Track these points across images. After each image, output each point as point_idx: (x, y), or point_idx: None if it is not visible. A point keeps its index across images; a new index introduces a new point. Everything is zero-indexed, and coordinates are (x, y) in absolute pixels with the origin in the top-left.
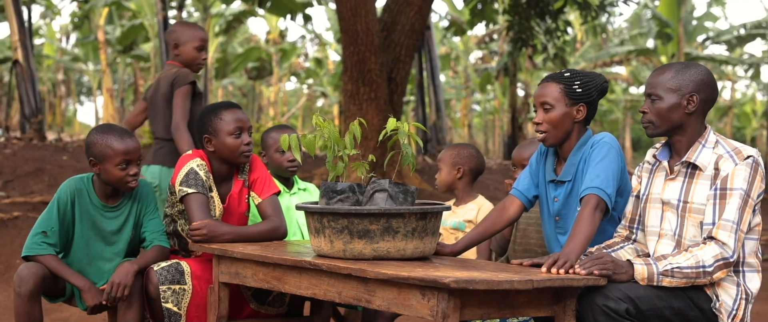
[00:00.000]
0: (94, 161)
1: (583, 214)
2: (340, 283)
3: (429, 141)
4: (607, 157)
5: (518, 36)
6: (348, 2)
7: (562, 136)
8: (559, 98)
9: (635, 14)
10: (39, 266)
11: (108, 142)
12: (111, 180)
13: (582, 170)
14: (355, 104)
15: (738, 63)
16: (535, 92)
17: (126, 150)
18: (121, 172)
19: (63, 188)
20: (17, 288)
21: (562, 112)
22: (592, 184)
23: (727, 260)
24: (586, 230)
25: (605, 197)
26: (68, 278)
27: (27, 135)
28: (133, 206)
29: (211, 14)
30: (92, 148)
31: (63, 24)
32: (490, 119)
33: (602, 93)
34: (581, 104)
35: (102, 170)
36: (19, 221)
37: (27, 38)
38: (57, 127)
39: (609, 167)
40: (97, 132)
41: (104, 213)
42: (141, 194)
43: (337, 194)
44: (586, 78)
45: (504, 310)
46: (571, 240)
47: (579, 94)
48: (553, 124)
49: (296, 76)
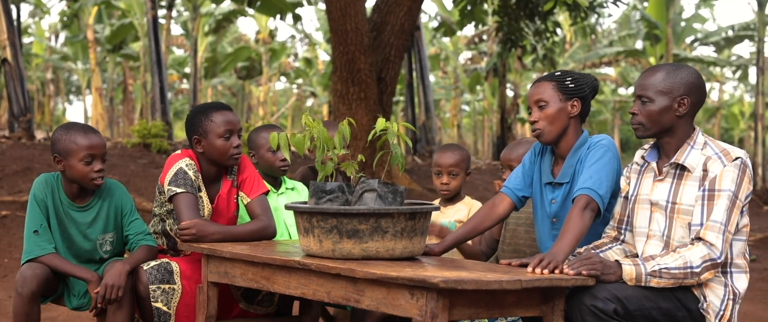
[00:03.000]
0: (59, 157)
1: (572, 214)
2: (329, 283)
3: (418, 141)
4: (602, 158)
5: (508, 37)
6: (337, 2)
7: (559, 131)
8: (553, 94)
9: (624, 15)
10: (42, 267)
11: (72, 137)
12: (76, 177)
13: (579, 171)
14: (345, 104)
15: (726, 64)
16: (529, 93)
17: (90, 145)
18: (85, 167)
19: (36, 185)
20: (19, 288)
21: (557, 108)
22: (585, 185)
23: (714, 260)
24: (575, 230)
25: (597, 199)
26: (74, 273)
27: (15, 134)
28: (103, 205)
29: (200, 13)
30: (57, 145)
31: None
32: (479, 120)
33: (594, 91)
34: (575, 99)
35: (67, 167)
36: (8, 220)
37: (16, 37)
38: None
39: (603, 169)
40: (62, 129)
41: (74, 212)
42: (111, 193)
43: (327, 194)
44: (578, 75)
45: (493, 310)
46: (560, 240)
47: (572, 89)
48: (550, 119)
49: (286, 76)
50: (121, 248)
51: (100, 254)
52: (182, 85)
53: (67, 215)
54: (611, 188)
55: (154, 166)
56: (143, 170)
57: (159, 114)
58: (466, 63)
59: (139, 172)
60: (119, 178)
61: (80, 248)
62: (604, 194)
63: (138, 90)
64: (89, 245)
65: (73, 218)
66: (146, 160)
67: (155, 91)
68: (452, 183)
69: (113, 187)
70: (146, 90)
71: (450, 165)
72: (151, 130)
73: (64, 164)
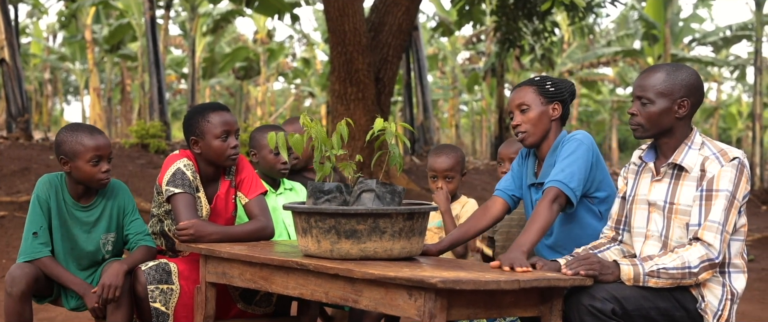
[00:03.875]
0: (65, 158)
1: (540, 206)
2: (327, 283)
3: (416, 141)
4: (575, 152)
5: (505, 37)
6: (336, 2)
7: (542, 134)
8: (534, 98)
9: (622, 15)
10: (32, 266)
11: (78, 139)
12: (83, 178)
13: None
14: (343, 104)
15: (724, 64)
16: (510, 98)
17: (97, 146)
18: (93, 168)
19: (39, 186)
20: (9, 288)
21: (539, 111)
22: (556, 177)
23: (712, 260)
24: (540, 222)
25: (568, 191)
26: (67, 283)
27: (13, 134)
28: (107, 204)
29: (198, 14)
30: (62, 147)
31: (50, 23)
32: (477, 120)
33: (572, 95)
34: (556, 102)
35: (73, 168)
36: (6, 220)
37: (13, 37)
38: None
39: (575, 163)
40: (67, 130)
41: (78, 212)
42: (115, 193)
43: (325, 194)
44: (557, 80)
45: (491, 310)
46: (526, 231)
47: (552, 92)
48: (532, 122)
49: (284, 76)
50: (121, 248)
51: (102, 253)
52: (180, 86)
53: (71, 215)
54: (584, 180)
55: (152, 166)
56: (141, 170)
57: (157, 114)
58: (464, 63)
59: (137, 172)
60: (117, 178)
61: (83, 250)
62: (575, 187)
63: (136, 90)
64: (92, 246)
65: (77, 217)
66: (144, 160)
67: (153, 92)
68: (448, 186)
69: (117, 187)
70: (144, 90)
71: (444, 170)
72: (149, 131)
73: (70, 165)
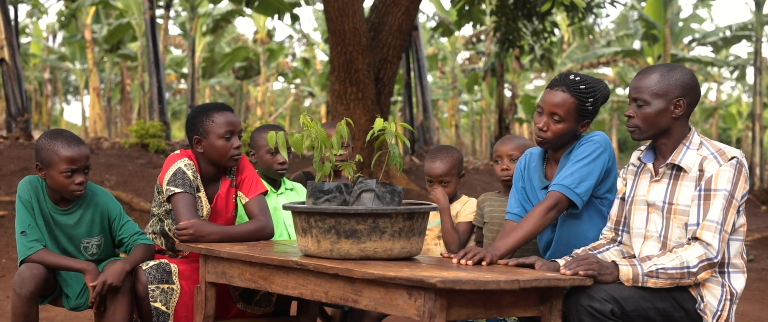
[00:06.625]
0: (40, 165)
1: (535, 211)
2: (326, 283)
3: (416, 141)
4: (590, 156)
5: (505, 37)
6: (335, 2)
7: (562, 144)
8: (571, 113)
9: (622, 15)
10: (40, 267)
11: (54, 147)
12: (56, 187)
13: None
14: (343, 104)
15: (724, 65)
16: (546, 97)
17: (71, 157)
18: (65, 179)
19: (21, 187)
20: (18, 289)
21: (569, 127)
22: (562, 182)
23: (711, 260)
24: (527, 228)
25: (572, 196)
26: (68, 265)
27: (13, 134)
28: (86, 210)
29: (198, 14)
30: (39, 153)
31: (50, 23)
32: (477, 120)
33: (605, 101)
34: (587, 120)
35: (48, 176)
36: (6, 220)
37: (13, 37)
38: (43, 127)
39: (587, 167)
40: (46, 137)
41: (58, 215)
42: (96, 200)
43: (324, 194)
44: (598, 93)
45: (490, 310)
46: (508, 235)
47: (589, 112)
48: (558, 135)
49: (284, 76)
50: (110, 251)
51: (85, 256)
52: (180, 85)
53: (52, 218)
54: (594, 184)
55: (151, 166)
56: (141, 170)
57: (157, 114)
58: (463, 63)
59: (137, 172)
60: (117, 178)
61: (65, 251)
62: (582, 192)
63: (136, 90)
64: (73, 248)
65: (57, 220)
66: (144, 160)
67: (153, 91)
68: (445, 190)
69: (97, 193)
70: (144, 90)
71: (439, 175)
72: (148, 131)
73: (45, 173)
